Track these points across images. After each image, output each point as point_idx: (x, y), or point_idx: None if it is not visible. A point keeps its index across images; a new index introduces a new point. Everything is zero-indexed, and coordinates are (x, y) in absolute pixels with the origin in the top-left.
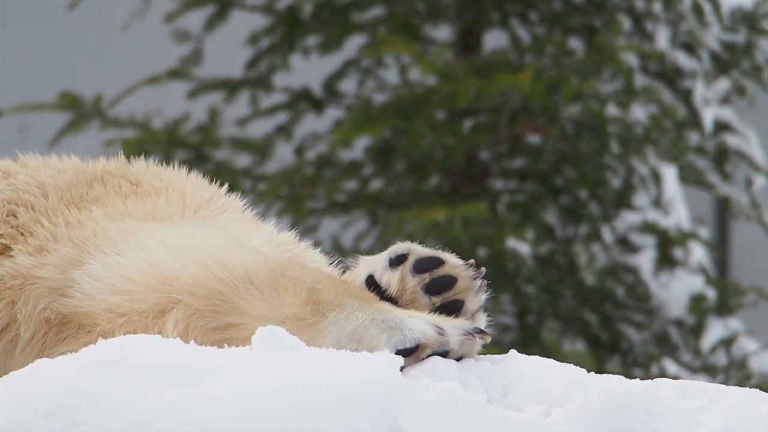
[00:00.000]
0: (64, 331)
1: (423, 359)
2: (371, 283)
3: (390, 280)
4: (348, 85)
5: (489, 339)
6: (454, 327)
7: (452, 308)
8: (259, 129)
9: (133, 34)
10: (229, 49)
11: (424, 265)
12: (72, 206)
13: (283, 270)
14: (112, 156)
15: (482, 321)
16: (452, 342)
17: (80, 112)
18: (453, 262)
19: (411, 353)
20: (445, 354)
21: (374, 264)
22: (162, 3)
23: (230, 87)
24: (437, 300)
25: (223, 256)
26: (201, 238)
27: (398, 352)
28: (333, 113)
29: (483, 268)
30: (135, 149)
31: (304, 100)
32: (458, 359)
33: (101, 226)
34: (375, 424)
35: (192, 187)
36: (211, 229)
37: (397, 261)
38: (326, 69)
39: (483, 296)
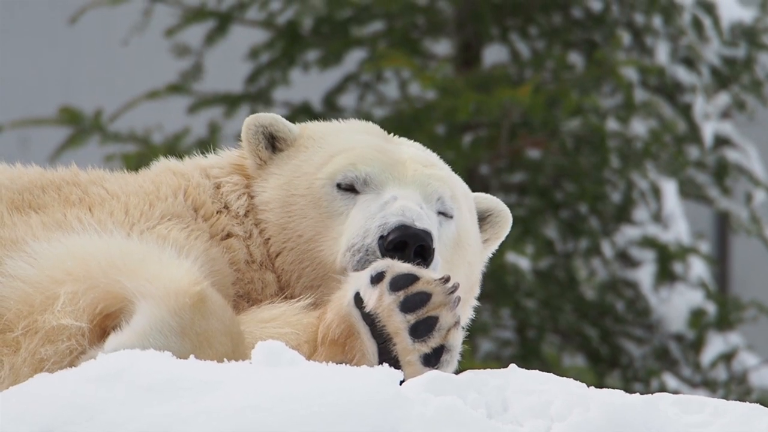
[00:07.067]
0: None
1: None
2: (359, 300)
3: (370, 297)
4: (348, 100)
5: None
6: None
7: (428, 324)
8: None
9: (133, 48)
10: (229, 64)
11: (400, 283)
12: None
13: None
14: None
15: (458, 336)
16: None
17: (80, 127)
18: (427, 278)
19: None
20: None
21: (359, 281)
22: (162, 18)
23: (230, 101)
24: (411, 318)
25: (100, 246)
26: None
27: None
28: None
29: (458, 283)
30: (135, 164)
31: (304, 115)
32: None
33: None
34: None
35: (134, 199)
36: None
37: (377, 278)
38: (326, 83)
39: (459, 311)
